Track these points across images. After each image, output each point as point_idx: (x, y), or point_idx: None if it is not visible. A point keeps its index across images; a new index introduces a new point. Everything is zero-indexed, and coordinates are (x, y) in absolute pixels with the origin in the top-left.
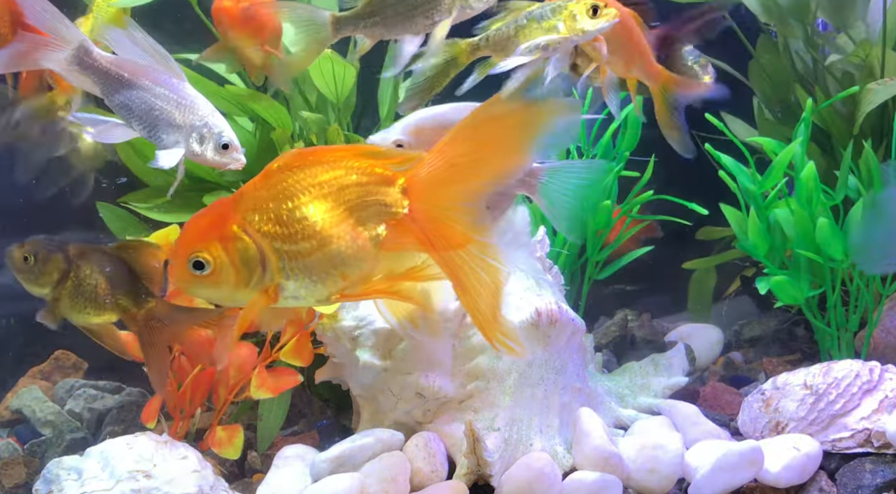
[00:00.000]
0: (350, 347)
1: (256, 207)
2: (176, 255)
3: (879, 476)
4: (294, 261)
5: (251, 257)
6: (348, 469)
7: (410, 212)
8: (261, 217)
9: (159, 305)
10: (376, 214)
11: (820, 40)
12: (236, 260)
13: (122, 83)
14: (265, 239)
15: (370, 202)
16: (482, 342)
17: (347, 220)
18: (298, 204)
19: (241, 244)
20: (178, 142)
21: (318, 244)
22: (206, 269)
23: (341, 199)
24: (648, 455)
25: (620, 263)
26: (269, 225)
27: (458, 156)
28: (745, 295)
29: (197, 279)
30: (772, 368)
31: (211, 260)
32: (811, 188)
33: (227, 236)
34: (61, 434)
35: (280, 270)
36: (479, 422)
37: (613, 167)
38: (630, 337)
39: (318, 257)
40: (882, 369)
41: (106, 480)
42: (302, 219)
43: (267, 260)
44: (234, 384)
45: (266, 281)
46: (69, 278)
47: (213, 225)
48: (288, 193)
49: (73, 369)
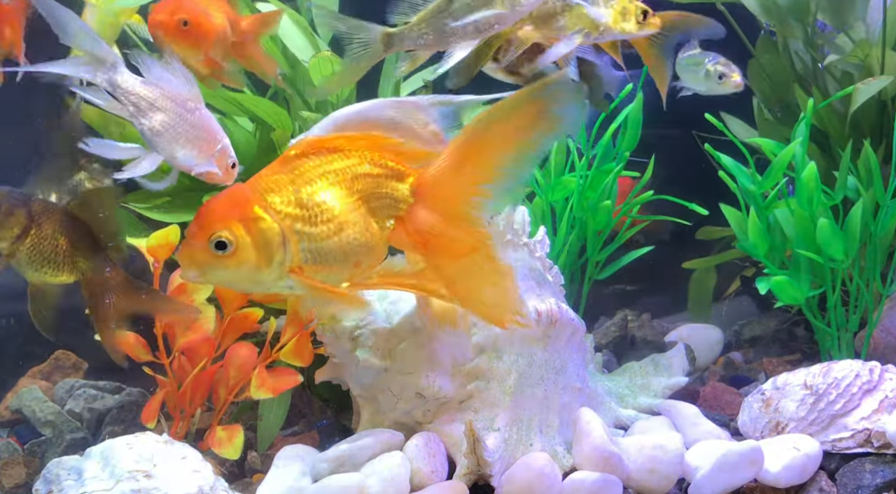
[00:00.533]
0: (350, 347)
1: (276, 189)
2: (195, 236)
3: (879, 477)
4: (312, 244)
5: (273, 237)
6: (348, 469)
7: (410, 213)
8: (281, 199)
9: (116, 274)
10: (386, 206)
11: (819, 40)
12: (258, 240)
13: (151, 107)
14: (286, 219)
15: (381, 194)
16: (482, 342)
17: (360, 208)
18: (317, 188)
19: (263, 224)
20: (194, 164)
21: (334, 228)
22: (228, 249)
23: (354, 188)
24: (648, 455)
25: (620, 263)
26: (289, 206)
27: (468, 158)
28: (745, 295)
29: (218, 259)
30: (772, 368)
31: (233, 240)
32: (812, 188)
33: (248, 216)
34: (61, 434)
35: (299, 252)
36: (479, 422)
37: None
38: (630, 338)
39: (335, 241)
40: (882, 369)
41: (106, 480)
42: (321, 203)
43: (287, 242)
44: (234, 384)
45: (286, 263)
46: (29, 235)
47: (234, 205)
48: (306, 178)
49: (73, 369)
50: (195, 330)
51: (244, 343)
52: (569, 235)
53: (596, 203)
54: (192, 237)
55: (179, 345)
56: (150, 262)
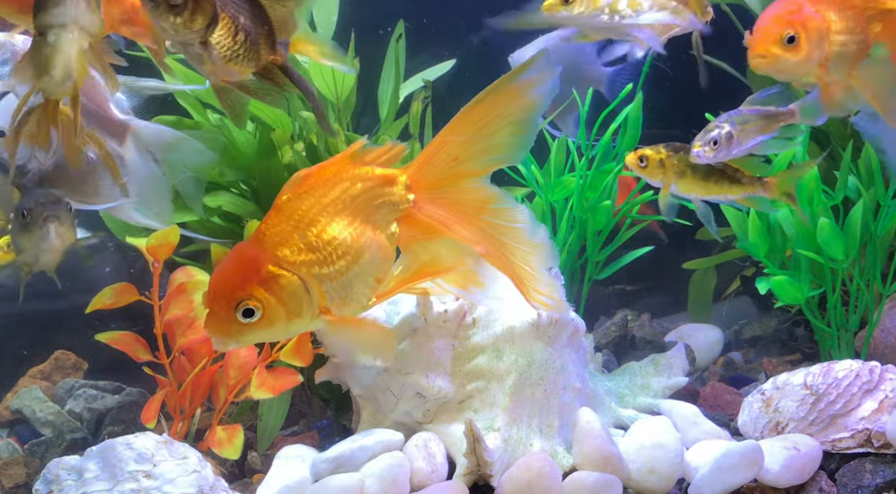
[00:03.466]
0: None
1: (283, 242)
2: (219, 309)
3: (879, 476)
4: (334, 281)
5: (296, 290)
6: (348, 469)
7: (416, 202)
8: (291, 250)
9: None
10: (387, 214)
11: None
12: (283, 298)
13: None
14: (302, 268)
15: (379, 205)
16: (482, 342)
17: (367, 228)
18: (322, 227)
19: (283, 280)
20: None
21: (352, 259)
22: (255, 315)
23: (355, 211)
24: (648, 455)
25: (620, 263)
26: (301, 254)
27: (455, 144)
28: (745, 295)
29: (248, 326)
30: (772, 368)
31: (259, 305)
32: (812, 188)
33: (266, 277)
34: (61, 434)
35: (323, 294)
36: (479, 422)
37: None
38: (630, 337)
39: (355, 271)
40: (882, 369)
41: (106, 480)
42: (331, 241)
43: (310, 288)
44: (234, 384)
45: (314, 308)
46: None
47: (249, 269)
48: (307, 220)
49: (73, 369)
50: (195, 330)
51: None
52: (569, 235)
53: (596, 203)
54: (215, 310)
55: (179, 345)
56: (150, 262)
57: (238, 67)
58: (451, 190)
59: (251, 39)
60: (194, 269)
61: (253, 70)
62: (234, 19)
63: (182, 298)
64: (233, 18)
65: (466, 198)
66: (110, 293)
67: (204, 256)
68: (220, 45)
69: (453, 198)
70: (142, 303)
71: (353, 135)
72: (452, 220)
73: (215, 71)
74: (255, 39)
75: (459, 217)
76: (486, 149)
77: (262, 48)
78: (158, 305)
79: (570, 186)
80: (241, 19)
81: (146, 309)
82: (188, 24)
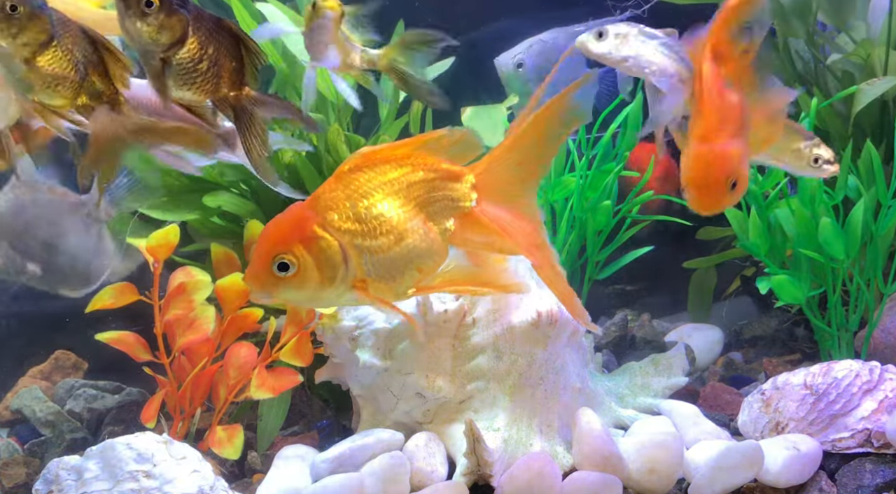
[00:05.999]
0: (350, 347)
1: (333, 207)
2: (259, 260)
3: (879, 476)
4: (374, 256)
5: (334, 255)
6: (348, 469)
7: (480, 204)
8: (339, 216)
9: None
10: (445, 209)
11: (821, 40)
12: (320, 259)
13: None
14: (346, 236)
15: (438, 197)
16: (482, 342)
17: (419, 215)
18: (373, 201)
19: (323, 243)
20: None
21: (395, 239)
22: (290, 270)
23: (411, 195)
24: (648, 455)
25: (620, 263)
26: (348, 222)
27: (520, 149)
28: (745, 295)
29: (282, 281)
30: (772, 368)
31: (295, 261)
32: (814, 188)
33: (308, 236)
34: (61, 434)
35: (361, 266)
36: (479, 422)
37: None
38: (630, 337)
39: (396, 252)
40: (882, 369)
41: (106, 480)
42: (378, 216)
43: (349, 257)
44: (234, 384)
45: (349, 279)
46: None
47: (294, 227)
48: (362, 192)
49: (73, 369)
50: (195, 330)
51: (244, 343)
52: (569, 235)
53: (596, 203)
54: (256, 260)
55: (179, 345)
56: (150, 262)
57: (191, 94)
58: (514, 194)
59: (213, 71)
60: (194, 269)
61: (206, 100)
62: (202, 47)
63: (182, 298)
64: (201, 46)
65: (527, 206)
66: (110, 293)
67: (204, 256)
68: (179, 68)
69: (515, 204)
70: (142, 303)
71: (353, 136)
72: (512, 226)
73: (165, 90)
74: (218, 72)
75: (518, 224)
76: (541, 155)
77: (223, 82)
78: (158, 305)
79: (570, 186)
80: (209, 49)
81: (146, 309)
82: (153, 35)
